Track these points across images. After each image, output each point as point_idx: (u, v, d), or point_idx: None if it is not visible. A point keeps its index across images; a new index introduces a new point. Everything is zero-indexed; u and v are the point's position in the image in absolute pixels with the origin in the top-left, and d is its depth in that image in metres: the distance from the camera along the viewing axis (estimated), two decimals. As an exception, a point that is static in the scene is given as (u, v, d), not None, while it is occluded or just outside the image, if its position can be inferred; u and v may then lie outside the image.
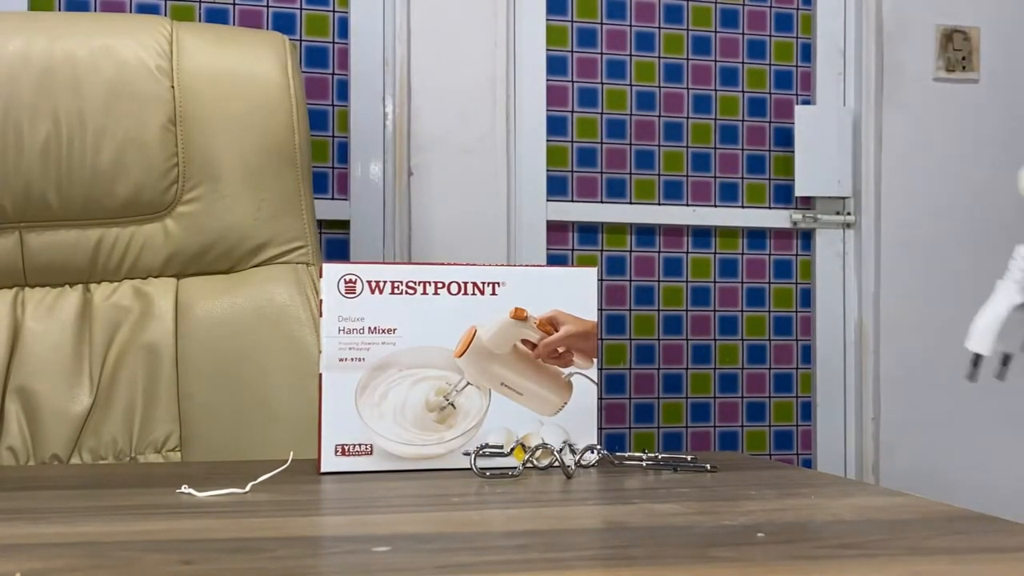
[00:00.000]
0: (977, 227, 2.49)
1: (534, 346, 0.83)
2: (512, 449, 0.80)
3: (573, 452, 0.81)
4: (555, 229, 2.35)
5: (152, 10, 2.16)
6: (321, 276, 0.81)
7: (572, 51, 2.40)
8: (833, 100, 2.49)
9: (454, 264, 0.83)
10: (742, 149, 2.48)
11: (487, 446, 0.80)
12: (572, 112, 2.40)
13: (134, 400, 1.14)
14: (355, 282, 0.81)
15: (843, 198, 2.46)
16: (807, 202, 2.46)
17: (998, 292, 0.58)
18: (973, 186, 2.50)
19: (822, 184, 2.46)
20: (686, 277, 2.45)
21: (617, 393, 2.42)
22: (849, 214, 2.46)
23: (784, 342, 2.33)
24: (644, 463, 0.83)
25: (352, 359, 0.80)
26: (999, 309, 0.57)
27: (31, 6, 2.12)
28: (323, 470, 0.80)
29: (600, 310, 2.30)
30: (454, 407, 0.81)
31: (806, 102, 2.49)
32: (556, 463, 0.80)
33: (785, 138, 2.47)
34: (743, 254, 2.45)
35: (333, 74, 2.25)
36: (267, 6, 2.20)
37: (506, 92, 2.30)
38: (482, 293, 0.82)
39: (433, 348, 0.81)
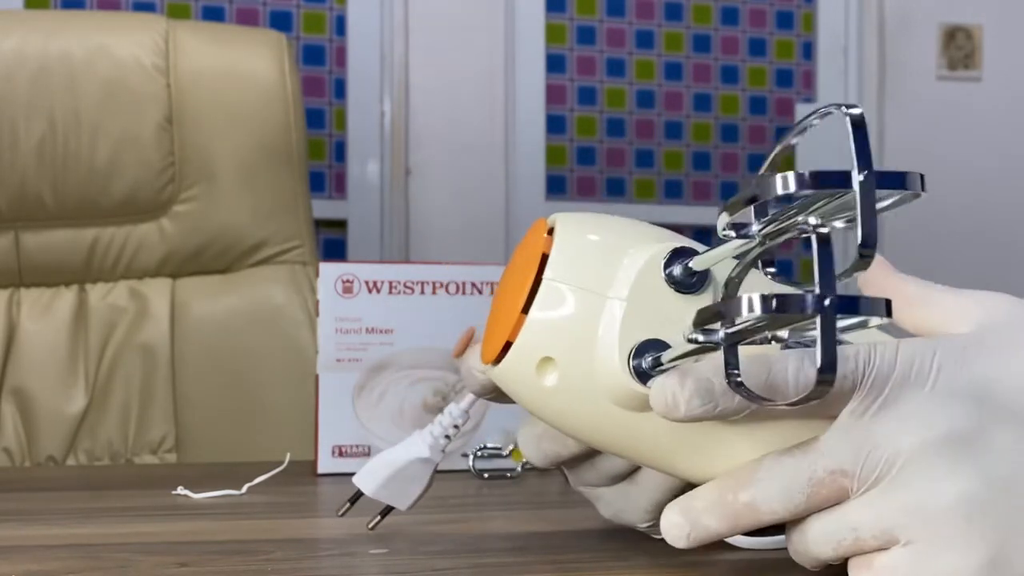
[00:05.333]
0: (980, 226, 2.48)
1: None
2: (511, 450, 0.79)
3: (573, 453, 0.80)
4: (554, 228, 2.35)
5: (148, 8, 2.15)
6: (318, 276, 0.80)
7: (571, 49, 2.39)
8: (835, 98, 2.48)
9: (452, 264, 0.82)
10: (743, 148, 2.47)
11: (485, 447, 0.79)
12: (571, 111, 2.40)
13: (130, 401, 1.13)
14: (352, 282, 0.80)
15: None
16: (807, 201, 2.46)
17: (409, 439, 0.55)
18: (976, 185, 2.49)
19: (823, 183, 2.45)
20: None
21: (617, 393, 2.42)
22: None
23: (785, 341, 2.33)
24: (644, 464, 0.82)
25: (349, 360, 0.80)
26: (399, 456, 0.54)
27: (27, 4, 2.12)
28: (320, 471, 0.79)
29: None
30: (452, 408, 0.81)
31: (807, 100, 2.48)
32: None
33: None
34: (743, 253, 2.45)
35: (330, 72, 2.24)
36: (264, 4, 2.20)
37: (504, 90, 2.29)
38: (480, 293, 0.82)
39: (431, 348, 0.81)
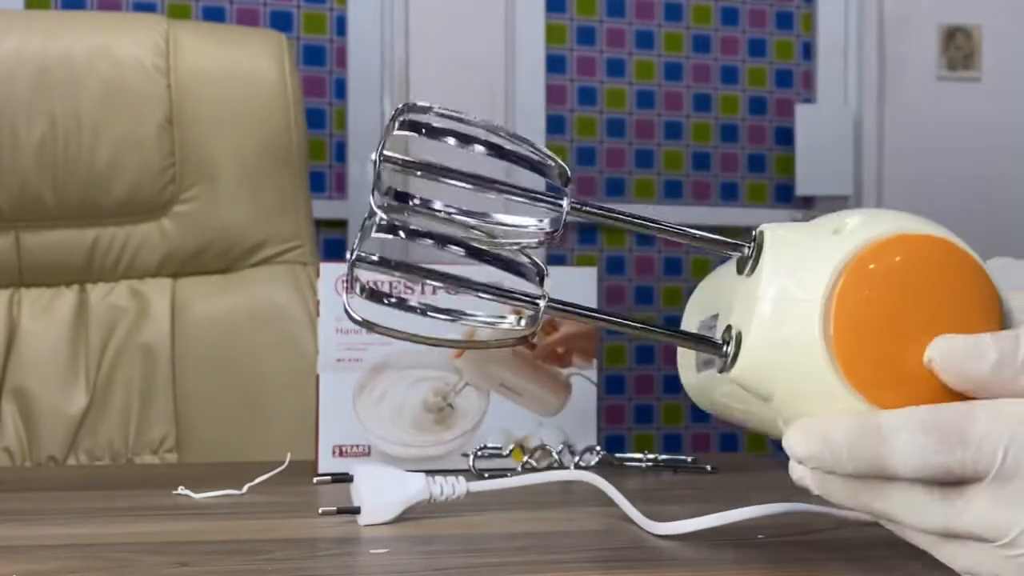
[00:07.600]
0: (980, 226, 2.48)
1: (533, 346, 0.82)
2: (511, 450, 0.79)
3: (572, 453, 0.80)
4: (554, 229, 2.34)
5: (149, 8, 2.15)
6: (318, 276, 0.80)
7: (571, 49, 2.39)
8: (834, 99, 2.48)
9: (452, 264, 0.82)
10: (742, 148, 2.48)
11: (486, 447, 0.79)
12: (571, 111, 2.40)
13: (130, 401, 1.14)
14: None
15: (844, 197, 2.45)
16: (808, 201, 2.46)
17: (416, 475, 0.61)
18: (975, 185, 2.49)
19: (823, 183, 2.45)
20: (686, 277, 2.44)
21: (617, 394, 2.42)
22: (849, 213, 2.45)
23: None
24: (644, 464, 0.83)
25: (350, 360, 0.80)
26: (402, 483, 0.60)
27: (27, 4, 2.12)
28: (320, 471, 0.79)
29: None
30: (452, 408, 0.81)
31: (807, 101, 2.48)
32: (555, 464, 0.79)
33: (786, 137, 2.47)
34: (743, 253, 2.45)
35: (331, 72, 2.24)
36: (264, 4, 2.20)
37: (505, 91, 2.29)
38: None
39: (431, 349, 0.81)
